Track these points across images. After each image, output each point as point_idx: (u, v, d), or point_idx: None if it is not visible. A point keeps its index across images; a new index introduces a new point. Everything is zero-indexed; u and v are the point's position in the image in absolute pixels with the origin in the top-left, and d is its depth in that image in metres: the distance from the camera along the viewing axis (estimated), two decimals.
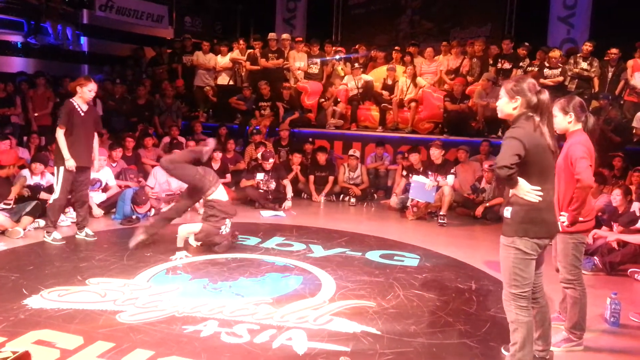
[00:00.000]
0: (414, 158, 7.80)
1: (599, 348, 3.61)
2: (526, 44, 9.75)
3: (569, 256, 3.44)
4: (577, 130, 3.40)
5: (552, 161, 2.92)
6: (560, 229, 3.20)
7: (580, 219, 3.35)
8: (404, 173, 8.04)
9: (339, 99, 10.08)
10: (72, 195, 5.82)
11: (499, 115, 3.00)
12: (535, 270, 3.00)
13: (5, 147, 7.08)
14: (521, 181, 2.82)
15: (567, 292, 3.53)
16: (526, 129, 2.81)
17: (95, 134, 5.86)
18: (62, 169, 5.50)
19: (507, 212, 2.92)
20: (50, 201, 5.66)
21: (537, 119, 2.83)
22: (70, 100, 5.61)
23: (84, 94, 5.56)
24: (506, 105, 2.92)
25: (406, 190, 7.75)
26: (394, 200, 7.91)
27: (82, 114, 5.57)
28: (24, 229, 5.81)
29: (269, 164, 7.87)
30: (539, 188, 2.83)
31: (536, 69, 9.28)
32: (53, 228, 5.64)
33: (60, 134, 5.46)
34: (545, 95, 2.86)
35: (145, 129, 9.49)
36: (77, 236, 5.82)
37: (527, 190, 2.82)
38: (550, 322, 3.21)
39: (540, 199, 2.83)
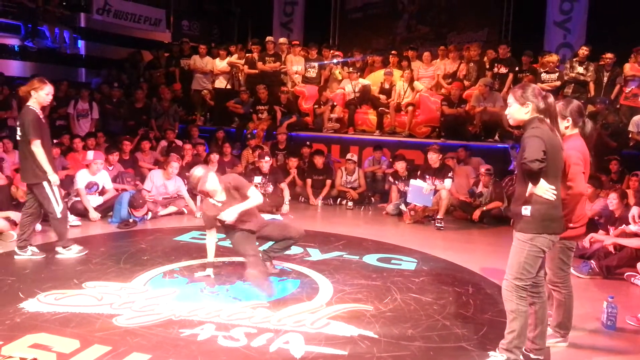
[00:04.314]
0: (400, 166, 7.94)
1: (595, 352, 3.62)
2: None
3: (555, 259, 3.47)
4: (573, 134, 3.42)
5: (563, 161, 3.07)
6: None
7: (570, 225, 3.35)
8: (390, 179, 8.16)
9: (335, 103, 10.10)
10: None
11: (511, 123, 3.15)
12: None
13: None
14: (540, 180, 2.95)
15: (553, 293, 3.57)
16: (543, 129, 2.96)
17: None
18: None
19: (525, 210, 3.02)
20: None
21: (548, 120, 3.00)
22: None
23: None
24: (518, 112, 3.07)
25: (400, 196, 7.80)
26: (389, 208, 7.95)
27: None
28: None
29: (265, 162, 7.85)
30: (554, 187, 2.97)
31: (530, 74, 9.33)
32: None
33: None
34: (552, 99, 3.05)
35: (146, 133, 9.48)
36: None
37: (546, 189, 2.95)
38: (547, 321, 3.27)
39: (556, 197, 2.97)
